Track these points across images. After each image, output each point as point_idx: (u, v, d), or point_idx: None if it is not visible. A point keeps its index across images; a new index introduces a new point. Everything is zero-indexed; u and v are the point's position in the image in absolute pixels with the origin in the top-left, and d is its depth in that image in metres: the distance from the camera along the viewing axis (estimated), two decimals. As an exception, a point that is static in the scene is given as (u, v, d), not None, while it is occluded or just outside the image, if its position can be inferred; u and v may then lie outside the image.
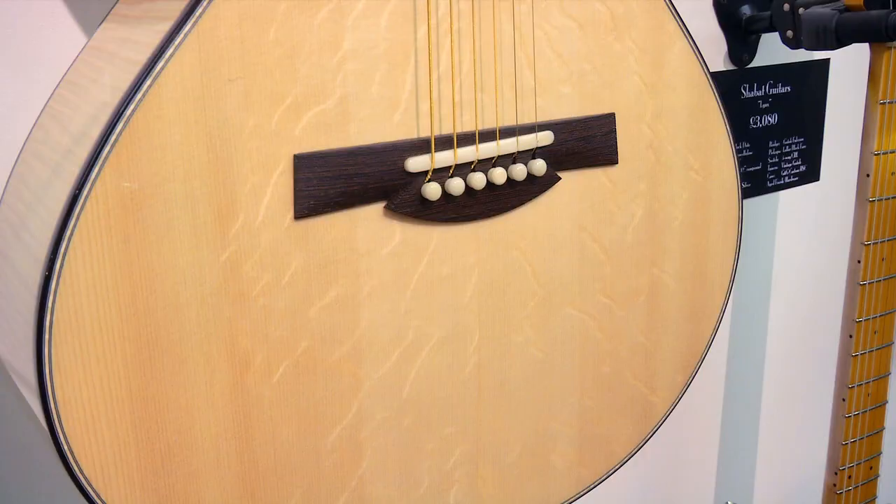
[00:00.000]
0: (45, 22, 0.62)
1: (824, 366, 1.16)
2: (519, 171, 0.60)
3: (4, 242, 0.55)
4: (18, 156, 0.58)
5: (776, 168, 1.10)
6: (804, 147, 1.13)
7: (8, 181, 0.58)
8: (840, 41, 0.83)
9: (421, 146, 0.57)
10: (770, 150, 1.09)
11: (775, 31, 0.97)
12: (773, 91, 1.08)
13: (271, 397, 0.55)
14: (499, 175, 0.59)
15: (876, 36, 0.80)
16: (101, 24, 0.58)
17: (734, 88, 1.04)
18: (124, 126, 0.47)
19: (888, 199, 0.86)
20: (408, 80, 0.56)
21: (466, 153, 0.58)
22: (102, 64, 0.54)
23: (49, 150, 0.53)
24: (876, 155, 0.85)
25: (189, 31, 0.48)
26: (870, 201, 0.86)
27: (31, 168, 0.55)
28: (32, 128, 0.58)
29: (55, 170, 0.51)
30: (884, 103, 0.84)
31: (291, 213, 0.53)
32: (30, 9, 0.61)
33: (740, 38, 1.03)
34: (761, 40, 1.05)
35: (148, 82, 0.48)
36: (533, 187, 0.62)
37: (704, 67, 0.71)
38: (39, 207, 0.51)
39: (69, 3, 0.63)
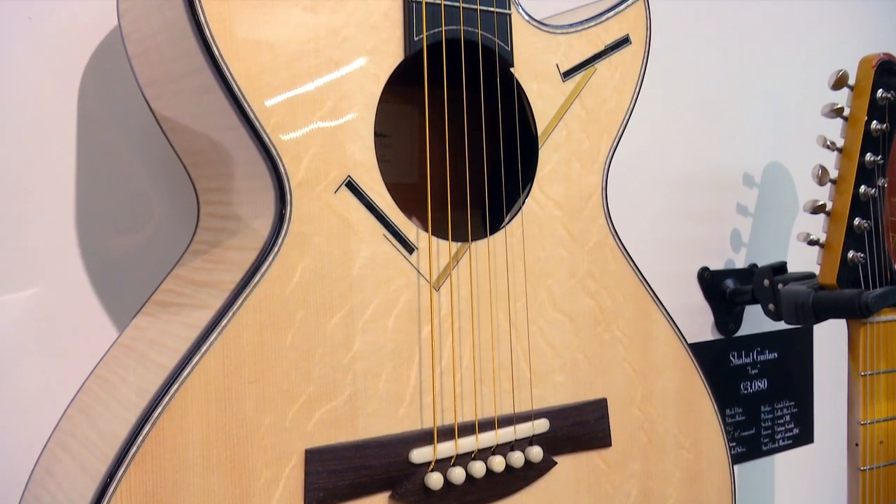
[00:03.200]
0: (79, 312, 0.67)
1: None
2: (517, 458, 0.64)
3: (26, 531, 0.58)
4: (45, 444, 0.61)
5: (770, 432, 1.13)
6: (796, 410, 1.16)
7: (33, 469, 0.61)
8: (818, 317, 0.88)
9: (424, 437, 0.61)
10: (762, 415, 1.12)
11: (758, 303, 1.03)
12: (761, 357, 1.12)
13: None
14: (498, 463, 0.63)
15: (851, 313, 0.85)
16: (131, 319, 0.63)
17: (723, 356, 1.09)
18: (151, 428, 0.51)
19: (879, 467, 0.88)
20: (412, 375, 0.61)
21: (467, 443, 0.62)
22: (132, 363, 0.58)
23: (77, 444, 0.57)
24: (863, 425, 0.88)
25: (215, 339, 0.53)
26: (861, 470, 0.88)
27: (57, 459, 0.58)
28: (61, 418, 0.61)
29: (82, 464, 0.54)
30: (865, 375, 0.88)
31: (301, 506, 0.56)
32: (65, 300, 0.67)
33: (725, 309, 1.09)
34: (746, 310, 1.11)
35: (175, 387, 0.52)
36: (531, 472, 0.65)
37: (688, 350, 0.76)
38: (64, 500, 0.54)
39: (101, 296, 0.68)
